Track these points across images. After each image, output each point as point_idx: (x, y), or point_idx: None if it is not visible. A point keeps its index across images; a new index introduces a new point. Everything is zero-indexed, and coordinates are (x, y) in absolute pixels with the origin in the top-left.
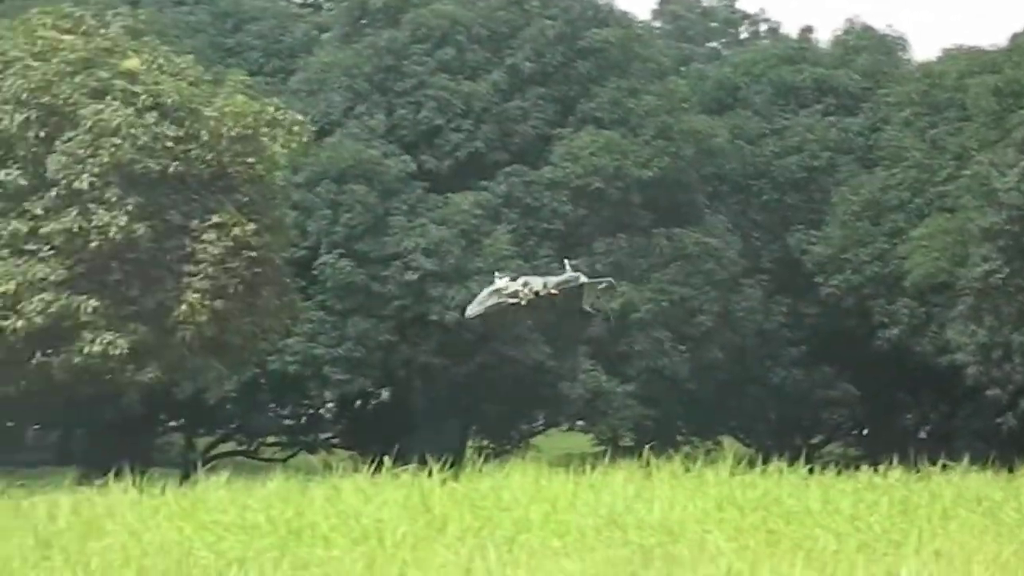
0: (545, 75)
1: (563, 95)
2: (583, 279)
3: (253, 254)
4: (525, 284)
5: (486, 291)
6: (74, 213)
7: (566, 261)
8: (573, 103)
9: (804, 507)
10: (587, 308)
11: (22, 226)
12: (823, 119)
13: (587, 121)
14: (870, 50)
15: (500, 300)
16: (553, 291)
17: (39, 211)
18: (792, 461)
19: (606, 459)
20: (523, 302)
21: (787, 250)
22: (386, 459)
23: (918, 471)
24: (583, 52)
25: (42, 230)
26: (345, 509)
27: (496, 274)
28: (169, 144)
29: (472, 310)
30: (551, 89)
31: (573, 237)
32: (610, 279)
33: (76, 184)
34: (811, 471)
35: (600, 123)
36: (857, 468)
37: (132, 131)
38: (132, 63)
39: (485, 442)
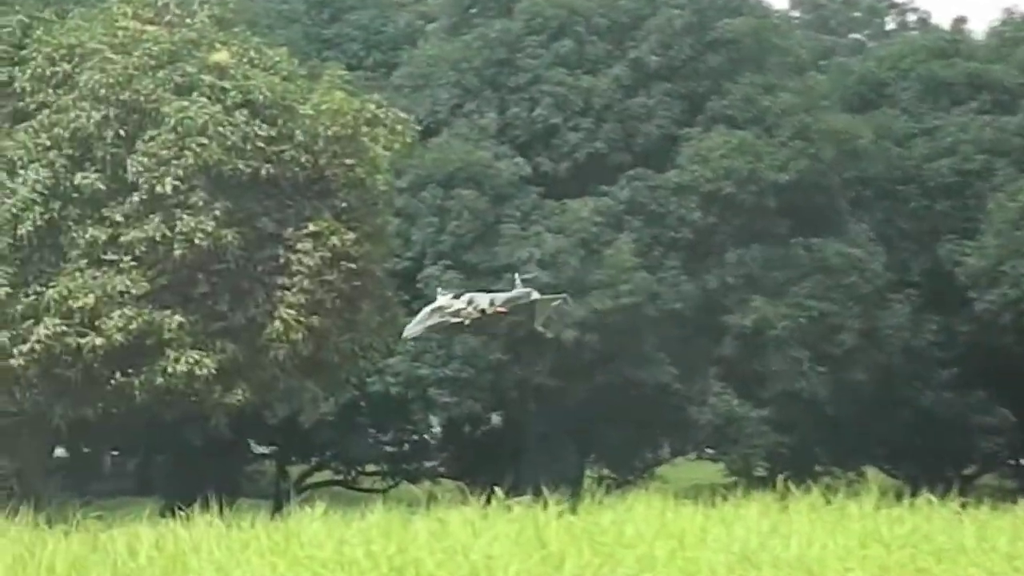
0: (672, 69)
1: (691, 91)
2: (535, 295)
3: (352, 265)
4: (470, 302)
5: (426, 309)
6: (157, 220)
7: (516, 276)
8: (702, 100)
9: (956, 544)
10: (540, 328)
11: (100, 234)
12: (977, 118)
13: (718, 120)
14: None
15: (442, 319)
16: (501, 309)
17: (119, 218)
18: (943, 494)
19: (738, 490)
20: (467, 322)
21: (938, 262)
22: (497, 490)
23: None
24: (714, 44)
25: (122, 238)
26: (452, 544)
27: (439, 290)
28: (260, 144)
29: (410, 331)
30: (678, 85)
31: (702, 247)
32: (565, 295)
33: (159, 188)
34: (964, 505)
35: (732, 122)
36: (1014, 502)
37: (220, 130)
38: (220, 56)
39: (605, 471)
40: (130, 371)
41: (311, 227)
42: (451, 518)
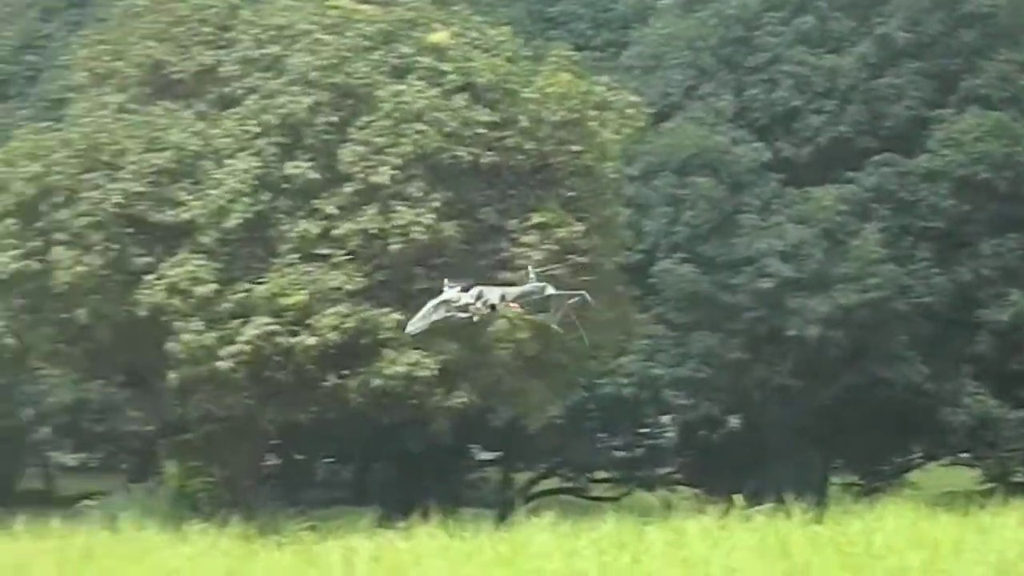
0: (921, 46)
1: (943, 70)
2: (550, 290)
3: (581, 259)
4: (479, 296)
5: (431, 303)
6: (372, 212)
7: (530, 269)
8: (955, 79)
9: None
10: (554, 326)
11: (313, 227)
12: None
13: (972, 100)
14: None
15: (448, 314)
16: (513, 304)
17: (332, 210)
18: None
19: (996, 498)
20: (475, 318)
21: None
22: (736, 497)
23: None
24: (967, 19)
25: (335, 232)
26: (690, 556)
27: (446, 283)
28: (482, 131)
29: (413, 326)
30: (929, 63)
31: (955, 236)
32: (583, 293)
33: (374, 178)
34: None
35: (987, 102)
36: None
37: (438, 115)
38: (439, 37)
39: (852, 478)
40: (345, 372)
41: (536, 218)
42: (688, 527)
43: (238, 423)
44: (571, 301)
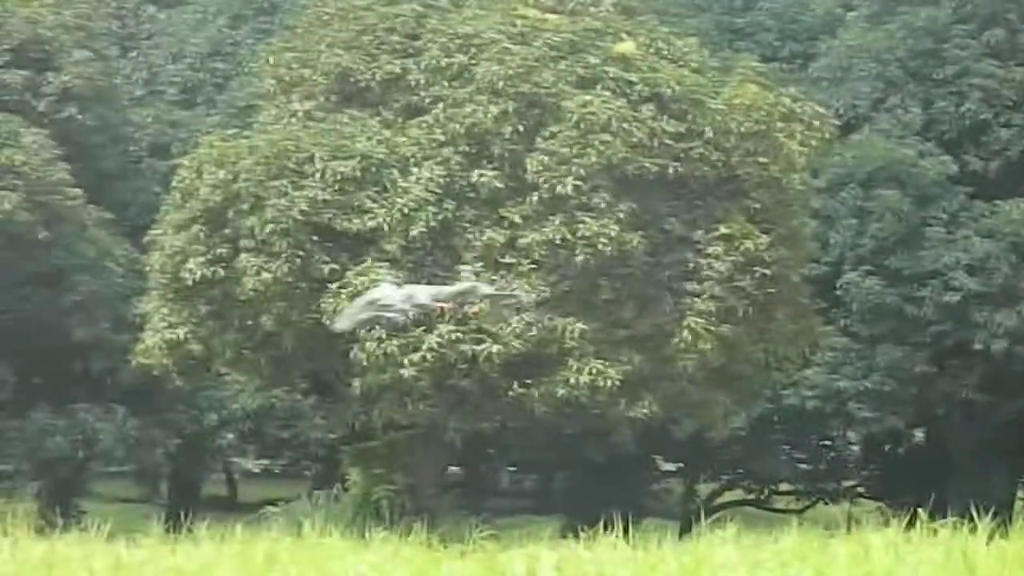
0: None
1: None
2: (485, 290)
3: (766, 271)
4: (408, 297)
5: (360, 301)
6: (557, 222)
7: (466, 267)
8: None
9: None
10: (489, 327)
11: (498, 236)
12: None
13: None
14: None
15: (377, 313)
16: (445, 304)
17: (517, 219)
18: None
19: None
20: (402, 318)
21: None
22: (921, 511)
23: None
24: None
25: (520, 241)
26: (874, 570)
27: (388, 277)
28: (668, 141)
29: (340, 324)
30: None
31: None
32: (519, 295)
33: (559, 188)
34: None
35: None
36: None
37: (625, 126)
38: (626, 47)
39: None
40: (528, 382)
41: (722, 229)
42: (872, 541)
43: (422, 431)
44: (509, 303)
